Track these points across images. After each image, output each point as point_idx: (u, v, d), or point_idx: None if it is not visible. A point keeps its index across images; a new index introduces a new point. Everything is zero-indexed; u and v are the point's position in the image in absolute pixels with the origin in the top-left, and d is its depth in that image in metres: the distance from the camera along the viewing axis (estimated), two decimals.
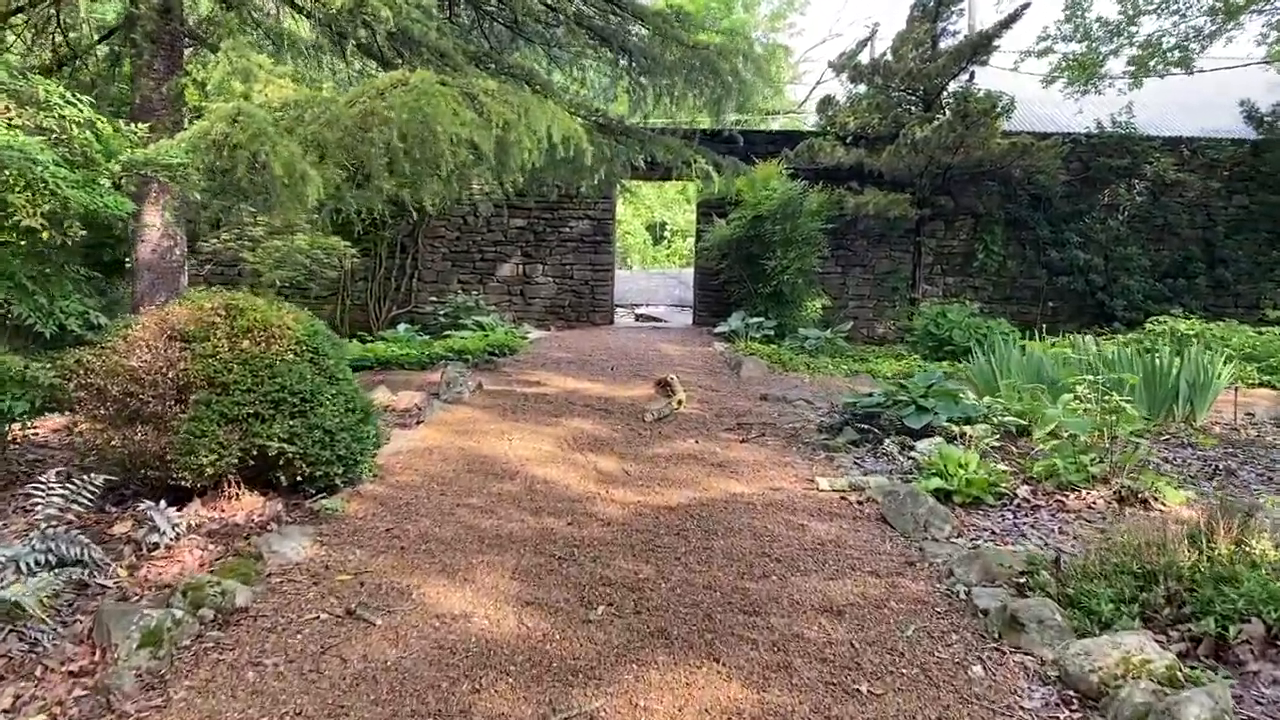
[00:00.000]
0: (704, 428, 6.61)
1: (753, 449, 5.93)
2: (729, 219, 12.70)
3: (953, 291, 14.09)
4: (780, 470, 5.36)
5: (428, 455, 5.51)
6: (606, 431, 6.41)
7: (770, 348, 11.18)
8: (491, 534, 4.08)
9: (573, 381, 8.61)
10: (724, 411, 7.28)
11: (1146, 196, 13.70)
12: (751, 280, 12.64)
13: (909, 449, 5.60)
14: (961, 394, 5.95)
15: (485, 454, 5.60)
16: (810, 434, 6.39)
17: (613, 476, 5.19)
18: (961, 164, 12.20)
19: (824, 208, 12.08)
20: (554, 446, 5.89)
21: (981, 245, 13.75)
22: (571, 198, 13.90)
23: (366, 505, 4.39)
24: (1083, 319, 13.93)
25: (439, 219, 14.15)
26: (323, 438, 4.21)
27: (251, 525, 4.04)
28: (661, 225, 35.85)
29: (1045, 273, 13.66)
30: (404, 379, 8.79)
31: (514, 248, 14.28)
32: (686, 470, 5.35)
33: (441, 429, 6.25)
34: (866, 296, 14.19)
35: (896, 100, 13.21)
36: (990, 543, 3.99)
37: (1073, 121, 14.12)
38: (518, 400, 7.45)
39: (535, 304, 14.35)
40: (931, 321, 10.70)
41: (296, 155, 4.31)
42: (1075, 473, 4.53)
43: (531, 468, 5.32)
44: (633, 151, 8.87)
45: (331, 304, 14.33)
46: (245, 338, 4.12)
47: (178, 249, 6.66)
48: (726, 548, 3.94)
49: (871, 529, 4.21)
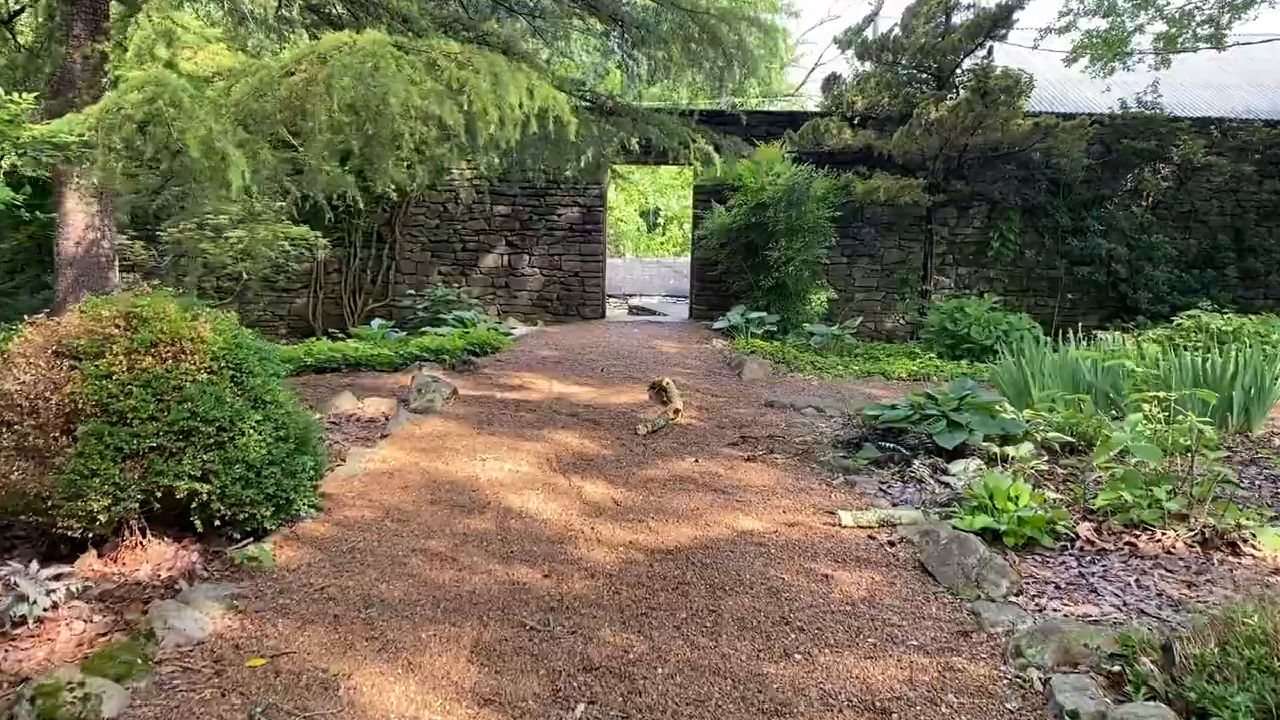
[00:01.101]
0: (704, 442, 5.94)
1: (761, 469, 5.25)
2: (729, 206, 11.98)
3: (965, 283, 13.42)
4: (795, 498, 4.68)
5: (386, 480, 4.82)
6: (594, 447, 5.73)
7: (773, 345, 10.50)
8: (451, 592, 3.39)
9: (559, 385, 7.93)
10: (726, 421, 6.61)
11: (1172, 181, 13.02)
12: (752, 271, 11.94)
13: (941, 472, 4.93)
14: (999, 407, 5.28)
15: (454, 478, 4.91)
16: (825, 450, 5.72)
17: (600, 507, 4.51)
18: (979, 146, 11.50)
19: (831, 194, 11.37)
20: (534, 467, 5.20)
21: (997, 234, 13.07)
22: (559, 184, 13.17)
23: (303, 552, 3.70)
24: (1102, 312, 13.29)
25: (417, 206, 13.41)
26: (245, 474, 3.51)
27: (157, 584, 3.34)
28: (655, 212, 35.06)
29: (1064, 263, 12.99)
30: (373, 383, 8.10)
31: (498, 237, 13.54)
32: (686, 498, 4.68)
33: (407, 446, 5.56)
34: (874, 289, 13.51)
35: (906, 78, 12.48)
36: (1056, 601, 3.33)
37: (1095, 102, 13.42)
38: (496, 409, 6.76)
39: (521, 297, 13.63)
40: (947, 317, 10.02)
41: (215, 132, 3.59)
42: (1148, 509, 3.87)
43: (506, 496, 4.63)
44: (625, 132, 8.17)
45: (304, 298, 13.61)
46: (148, 354, 3.41)
47: (105, 241, 5.93)
48: (738, 610, 3.27)
49: (910, 581, 3.54)
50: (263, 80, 4.03)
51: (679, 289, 26.74)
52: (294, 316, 13.57)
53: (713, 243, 12.17)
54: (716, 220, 11.89)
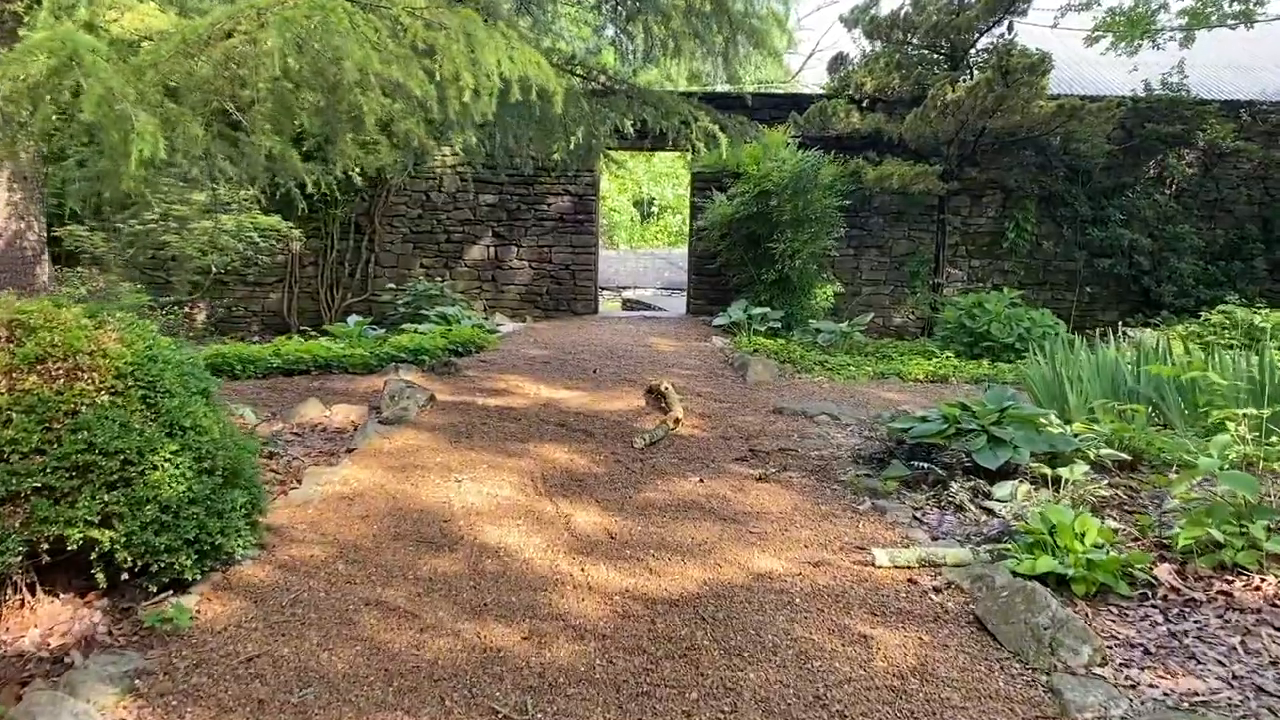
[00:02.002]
0: (709, 457, 5.35)
1: (775, 491, 4.67)
2: (730, 194, 11.38)
3: (979, 276, 12.85)
4: (817, 528, 4.10)
5: (346, 507, 4.22)
6: (585, 463, 5.14)
7: (777, 343, 9.93)
8: (408, 663, 2.80)
9: (547, 389, 7.33)
10: (731, 431, 6.03)
11: (1198, 168, 12.46)
12: (754, 264, 11.35)
13: (983, 495, 4.36)
14: (1044, 420, 4.70)
15: (423, 504, 4.32)
16: (845, 467, 5.14)
17: (592, 541, 3.92)
18: (996, 130, 10.91)
19: (839, 181, 10.77)
20: (516, 490, 4.61)
21: (1012, 224, 12.50)
22: (549, 171, 12.54)
23: (233, 607, 3.10)
24: (1123, 307, 12.76)
25: (398, 195, 12.76)
26: (159, 516, 2.91)
27: (44, 655, 2.74)
28: (650, 201, 34.39)
29: (1084, 255, 12.42)
30: (345, 386, 7.50)
31: (484, 227, 12.91)
32: (691, 528, 4.09)
33: (373, 463, 4.96)
34: (882, 282, 12.93)
35: (918, 59, 11.88)
36: (1148, 671, 2.75)
37: (1115, 83, 12.84)
38: (477, 417, 6.16)
39: (509, 291, 13.01)
40: (965, 312, 9.45)
41: (116, 92, 2.96)
42: (1241, 550, 3.30)
43: (482, 527, 4.04)
44: (619, 112, 7.55)
45: (278, 293, 12.96)
46: (33, 371, 2.79)
47: (31, 233, 5.30)
48: (761, 686, 2.68)
49: (966, 643, 2.96)
50: (188, 39, 3.40)
51: (675, 281, 26.13)
52: (268, 312, 12.93)
53: (713, 234, 11.57)
54: (717, 210, 11.28)
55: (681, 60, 7.91)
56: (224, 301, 12.89)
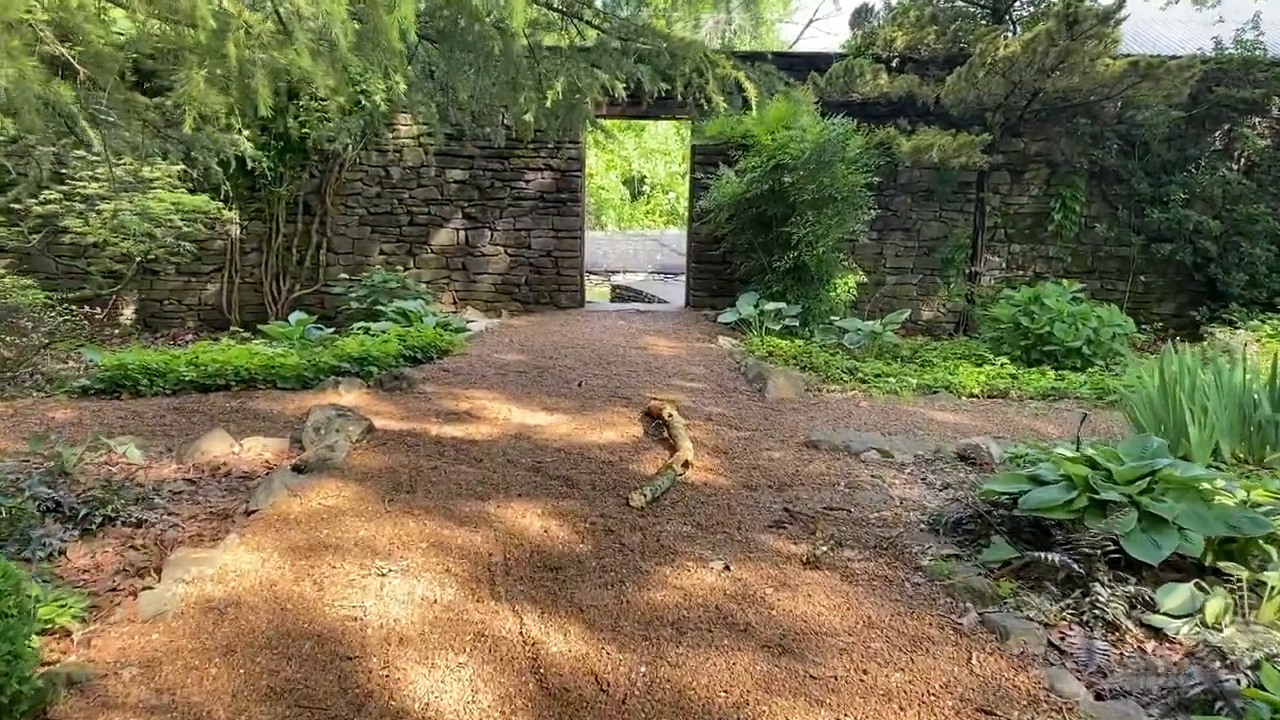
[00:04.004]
0: (732, 521, 4.05)
1: (833, 587, 3.37)
2: (738, 170, 10.02)
3: (1018, 263, 11.55)
4: (909, 665, 2.81)
5: (209, 630, 2.90)
6: (565, 536, 3.83)
7: (795, 345, 8.63)
8: None
9: (520, 411, 6.01)
10: (757, 476, 4.73)
11: (1271, 140, 11.16)
12: (765, 251, 10.02)
13: (1142, 606, 3.07)
14: (1211, 486, 3.41)
15: (323, 624, 2.99)
16: (922, 540, 3.85)
17: (570, 697, 2.61)
18: (1050, 94, 9.57)
19: (867, 154, 9.42)
20: (463, 589, 3.29)
21: (1059, 203, 11.18)
22: (526, 142, 11.13)
23: None
24: (1182, 298, 11.51)
25: (353, 170, 11.34)
26: None
27: None
28: (640, 179, 32.90)
29: (1140, 239, 11.12)
30: (270, 407, 6.19)
31: (453, 208, 11.50)
32: (722, 666, 2.79)
33: (269, 542, 3.63)
34: (909, 270, 11.61)
35: (955, 11, 10.51)
36: None
37: (1176, 41, 11.53)
38: (426, 458, 4.83)
39: (481, 282, 11.63)
40: (1021, 309, 8.13)
41: None
42: None
43: (405, 670, 2.73)
44: (610, 66, 6.21)
45: (216, 283, 11.55)
46: None
47: None
48: None
49: None
50: None
51: (667, 265, 24.74)
52: (205, 306, 11.51)
53: (720, 216, 10.20)
54: (724, 189, 9.91)
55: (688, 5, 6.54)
56: (154, 295, 11.47)
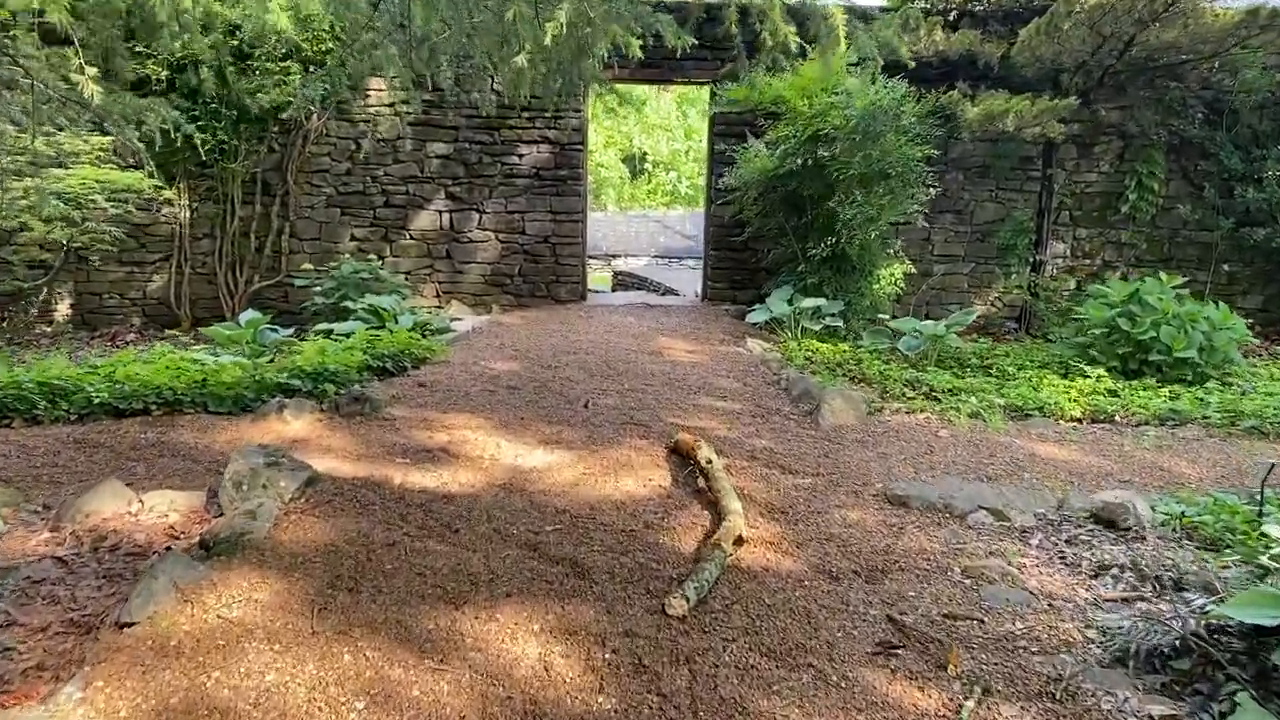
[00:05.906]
0: (815, 643, 2.81)
1: None
2: (768, 142, 8.73)
3: (1084, 250, 10.28)
4: None
5: None
6: (573, 676, 2.59)
7: (840, 349, 7.39)
8: None
9: (511, 446, 4.76)
10: (835, 557, 3.50)
11: None
12: (798, 236, 8.74)
13: None
14: None
15: None
16: (1104, 679, 2.62)
17: None
18: (1140, 50, 8.27)
19: (921, 123, 8.13)
20: None
21: (1134, 181, 9.89)
22: (519, 110, 9.81)
23: None
24: (1270, 290, 10.27)
25: (319, 142, 10.01)
26: None
27: None
28: (641, 156, 31.48)
29: (1229, 222, 9.85)
30: (193, 441, 4.96)
31: (435, 187, 10.19)
32: None
33: (128, 696, 2.38)
34: (960, 258, 10.33)
35: None
36: None
37: None
38: (381, 528, 3.58)
39: (469, 272, 10.34)
40: (1120, 310, 6.86)
41: None
42: None
43: None
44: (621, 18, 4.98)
45: (163, 274, 10.25)
46: None
47: None
48: None
49: None
50: None
51: (671, 248, 23.38)
52: (151, 300, 10.22)
53: (747, 195, 8.90)
54: (753, 164, 8.60)
55: None
56: (92, 288, 10.18)
